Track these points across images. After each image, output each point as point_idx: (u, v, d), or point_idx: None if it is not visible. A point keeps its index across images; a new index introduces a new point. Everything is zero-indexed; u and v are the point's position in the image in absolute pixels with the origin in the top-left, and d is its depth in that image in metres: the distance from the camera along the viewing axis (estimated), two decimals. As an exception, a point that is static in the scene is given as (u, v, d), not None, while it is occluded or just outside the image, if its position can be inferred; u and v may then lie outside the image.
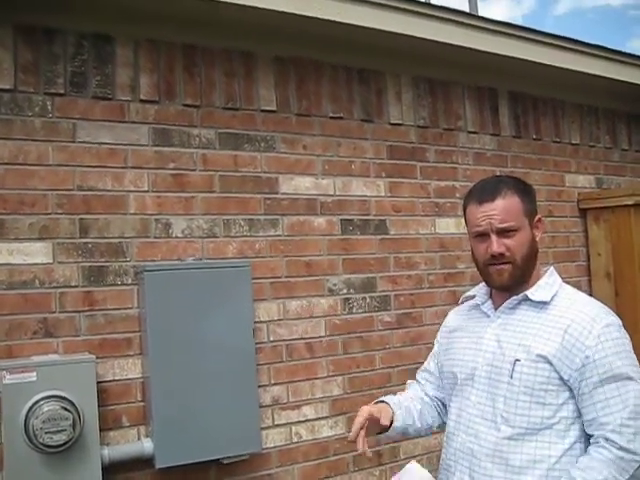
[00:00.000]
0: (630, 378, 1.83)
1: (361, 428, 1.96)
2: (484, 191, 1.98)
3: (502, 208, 1.93)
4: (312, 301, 3.55)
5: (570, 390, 1.87)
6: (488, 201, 1.94)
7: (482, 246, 1.97)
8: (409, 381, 2.43)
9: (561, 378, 1.86)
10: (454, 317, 2.29)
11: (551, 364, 1.87)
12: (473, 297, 2.17)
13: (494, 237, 1.93)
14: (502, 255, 1.93)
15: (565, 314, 1.91)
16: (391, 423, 2.09)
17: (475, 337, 2.08)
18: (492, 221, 1.93)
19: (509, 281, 1.97)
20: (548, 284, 2.00)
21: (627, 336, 1.92)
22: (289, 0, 3.19)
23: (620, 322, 1.94)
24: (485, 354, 2.02)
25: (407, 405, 2.20)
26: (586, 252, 4.85)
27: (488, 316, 2.08)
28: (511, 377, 1.92)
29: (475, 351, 2.06)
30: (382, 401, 2.17)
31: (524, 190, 2.01)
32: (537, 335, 1.91)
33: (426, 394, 2.29)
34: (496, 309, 2.07)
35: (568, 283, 2.08)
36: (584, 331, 1.86)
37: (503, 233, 1.93)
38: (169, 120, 3.21)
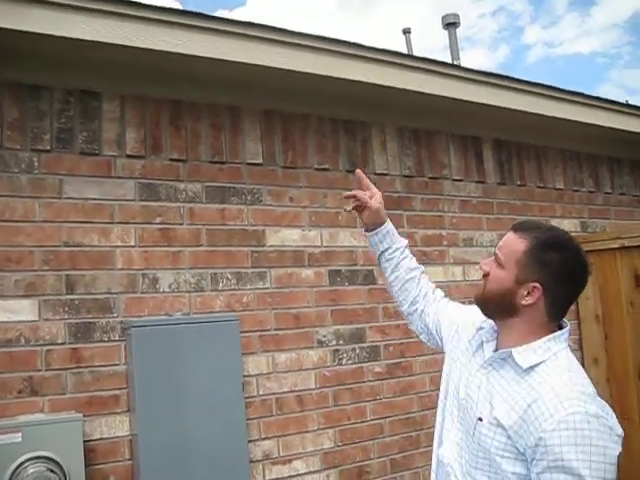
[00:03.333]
0: (580, 476, 1.63)
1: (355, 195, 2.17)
2: (522, 222, 1.99)
3: (509, 240, 1.92)
4: (301, 353, 3.53)
5: (526, 461, 1.76)
6: (512, 230, 1.95)
7: None
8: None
9: (517, 448, 1.76)
10: (478, 324, 2.11)
11: (508, 434, 1.77)
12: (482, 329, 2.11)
13: (492, 257, 1.95)
14: (483, 271, 1.96)
15: (538, 387, 1.78)
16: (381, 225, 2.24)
17: (468, 372, 2.02)
18: (499, 244, 1.96)
19: (478, 298, 1.97)
20: (541, 348, 1.86)
21: (603, 429, 1.69)
22: (273, 55, 3.24)
23: (599, 413, 1.71)
24: (471, 393, 1.97)
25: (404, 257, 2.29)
26: (574, 296, 4.85)
27: (485, 358, 2.03)
28: (472, 434, 1.89)
29: (466, 383, 2.00)
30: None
31: (544, 253, 1.87)
32: (505, 400, 1.82)
33: (422, 283, 2.31)
34: (496, 350, 2.01)
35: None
36: (546, 412, 1.71)
37: (496, 259, 1.94)
38: (155, 175, 3.22)
